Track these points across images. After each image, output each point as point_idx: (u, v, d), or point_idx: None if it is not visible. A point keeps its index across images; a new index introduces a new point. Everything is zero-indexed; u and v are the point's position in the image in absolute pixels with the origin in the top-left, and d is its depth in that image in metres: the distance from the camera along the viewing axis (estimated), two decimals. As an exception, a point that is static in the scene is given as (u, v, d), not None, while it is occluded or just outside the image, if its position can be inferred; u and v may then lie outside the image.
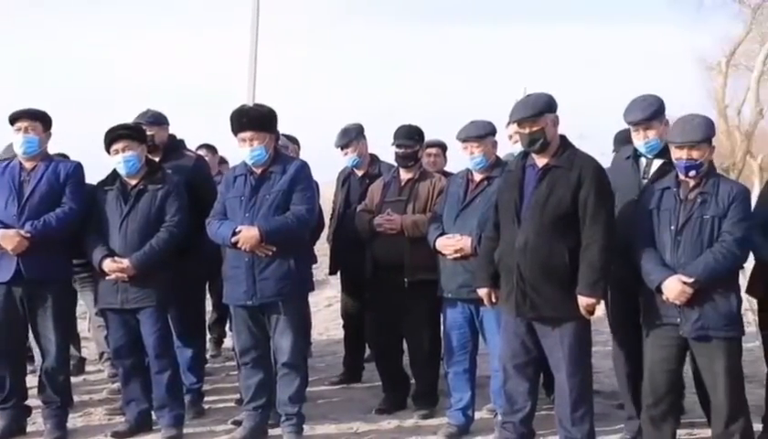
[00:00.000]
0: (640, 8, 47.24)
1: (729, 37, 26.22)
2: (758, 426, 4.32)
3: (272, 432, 4.65)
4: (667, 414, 4.06)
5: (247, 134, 4.43)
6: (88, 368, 6.22)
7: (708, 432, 4.17)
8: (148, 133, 4.91)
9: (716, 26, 48.17)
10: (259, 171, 4.48)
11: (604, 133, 5.06)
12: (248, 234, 4.35)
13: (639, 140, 4.30)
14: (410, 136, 5.14)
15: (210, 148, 6.90)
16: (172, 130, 5.30)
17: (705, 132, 3.94)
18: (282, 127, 4.84)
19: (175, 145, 5.24)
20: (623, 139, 4.83)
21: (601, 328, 4.69)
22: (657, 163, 4.28)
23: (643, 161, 4.34)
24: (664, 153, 4.23)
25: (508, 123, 4.66)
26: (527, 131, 4.06)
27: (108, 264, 4.50)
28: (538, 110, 4.05)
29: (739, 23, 25.99)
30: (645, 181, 4.27)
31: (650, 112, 4.24)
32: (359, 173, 5.77)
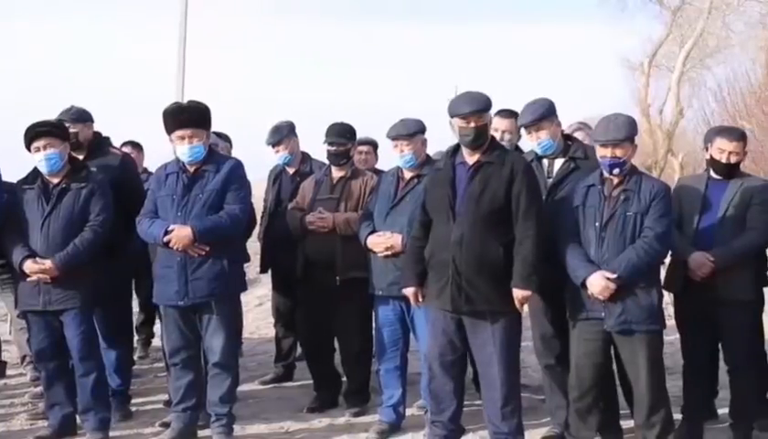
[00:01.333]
0: (571, 7, 48.32)
1: (651, 38, 27.07)
2: (678, 416, 4.46)
3: (201, 433, 4.59)
4: (593, 407, 4.16)
5: (186, 132, 4.35)
6: (9, 371, 6.03)
7: (631, 422, 4.28)
8: (71, 130, 4.79)
9: (639, 27, 49.56)
10: (192, 169, 4.41)
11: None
12: (181, 234, 4.29)
13: (533, 141, 4.42)
14: (342, 134, 5.13)
15: (136, 145, 6.77)
16: (97, 127, 5.17)
17: (628, 130, 4.05)
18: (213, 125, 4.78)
19: (100, 143, 5.11)
20: None
21: (527, 323, 4.77)
22: (559, 162, 4.40)
23: (545, 162, 4.44)
24: (565, 151, 4.38)
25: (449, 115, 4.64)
26: (473, 125, 4.09)
27: (29, 265, 4.37)
28: (485, 106, 4.12)
29: (660, 25, 26.87)
30: (551, 181, 4.38)
31: (538, 113, 4.35)
32: (291, 171, 5.75)
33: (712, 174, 4.50)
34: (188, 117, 4.39)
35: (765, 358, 4.63)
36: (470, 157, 4.16)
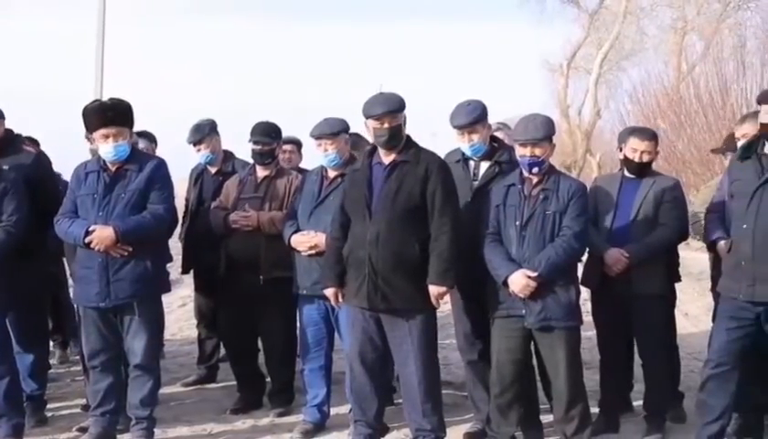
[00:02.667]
0: (495, 7, 48.97)
1: (569, 40, 27.72)
2: (595, 410, 4.59)
3: (120, 437, 4.49)
4: (514, 402, 4.23)
5: (111, 130, 4.23)
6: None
7: (551, 417, 4.37)
8: (-19, 128, 4.61)
9: (558, 29, 50.67)
10: (113, 168, 4.31)
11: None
12: (102, 234, 4.18)
13: (464, 143, 4.45)
14: (267, 133, 5.09)
15: (34, 142, 6.55)
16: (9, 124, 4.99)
17: (546, 130, 4.13)
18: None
19: (12, 140, 4.94)
20: None
21: (452, 321, 4.84)
22: (485, 165, 4.46)
23: (472, 163, 4.50)
24: (491, 155, 4.44)
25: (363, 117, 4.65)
26: (386, 126, 4.10)
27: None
28: (397, 106, 4.13)
29: (578, 28, 27.53)
30: (476, 183, 4.44)
31: (473, 116, 4.39)
32: (213, 170, 5.67)
33: (626, 173, 4.64)
34: (112, 115, 4.28)
35: (677, 350, 4.81)
36: (386, 157, 4.18)
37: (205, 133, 5.60)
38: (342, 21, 53.08)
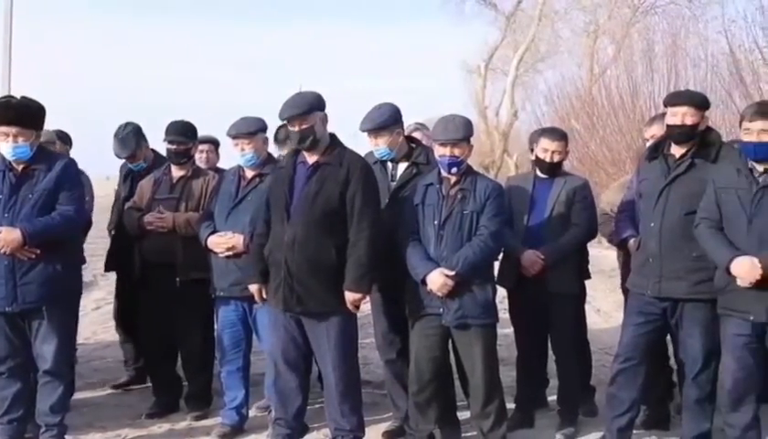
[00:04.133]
0: (417, 9, 49.34)
1: (487, 42, 28.17)
2: (511, 405, 4.68)
3: (30, 445, 4.35)
4: (432, 400, 4.28)
5: (11, 130, 4.07)
6: None
7: (468, 414, 4.41)
8: None
9: (476, 31, 51.41)
10: (20, 168, 4.16)
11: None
12: (8, 236, 4.03)
13: (372, 146, 4.50)
14: (182, 133, 5.00)
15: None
16: None
17: (465, 131, 4.18)
18: (53, 122, 4.53)
19: None
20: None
21: (371, 320, 4.86)
22: (403, 166, 4.50)
23: (390, 165, 4.54)
24: (409, 155, 4.48)
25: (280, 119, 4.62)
26: (297, 128, 4.10)
27: None
28: (307, 107, 4.10)
29: (495, 30, 28.01)
30: (394, 184, 4.47)
31: (379, 122, 4.42)
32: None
33: (538, 173, 4.74)
34: (15, 114, 4.12)
35: (588, 346, 4.94)
36: (310, 157, 4.17)
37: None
38: (264, 21, 52.65)
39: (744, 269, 3.65)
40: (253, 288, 4.30)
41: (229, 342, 4.69)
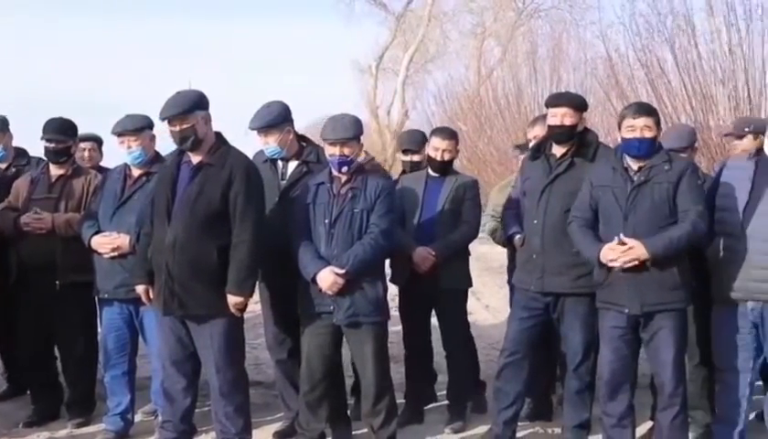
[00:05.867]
0: (308, 7, 48.92)
1: (378, 42, 28.38)
2: (401, 401, 4.74)
3: None
4: (323, 399, 4.28)
5: None
6: None
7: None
8: None
9: (367, 31, 51.65)
10: None
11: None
12: None
13: (261, 145, 4.49)
14: (61, 130, 4.81)
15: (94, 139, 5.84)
16: None
17: (354, 130, 4.20)
18: None
19: None
20: None
21: (262, 320, 4.82)
22: (293, 164, 4.50)
23: (280, 163, 4.52)
24: (299, 154, 4.48)
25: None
26: (177, 128, 4.02)
27: None
28: (188, 107, 4.02)
29: (386, 30, 28.25)
30: (284, 182, 4.47)
31: (267, 120, 4.42)
32: (2, 166, 5.28)
33: (430, 171, 4.82)
34: None
35: (473, 341, 5.06)
36: (194, 158, 4.10)
37: None
38: (152, 17, 51.05)
39: (614, 253, 3.82)
40: (140, 289, 4.20)
41: (114, 346, 4.56)
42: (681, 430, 4.00)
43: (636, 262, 3.80)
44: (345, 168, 4.16)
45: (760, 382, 4.35)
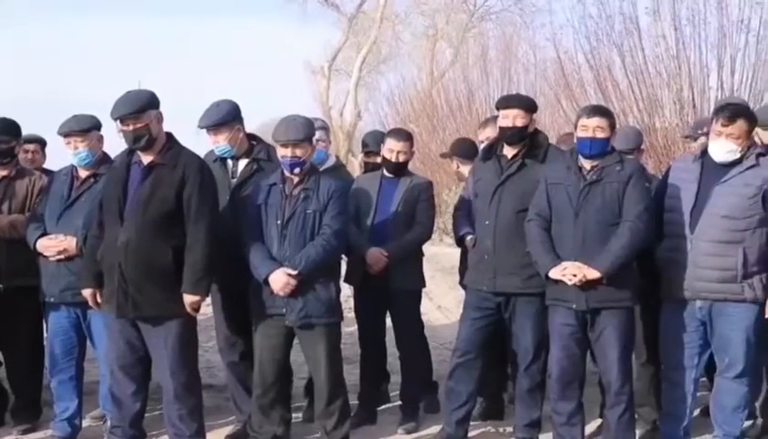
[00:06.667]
0: (259, 5, 48.43)
1: (330, 43, 28.32)
2: (354, 402, 4.74)
3: None
4: (276, 402, 4.26)
5: None
6: None
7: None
8: None
9: (320, 31, 51.49)
10: None
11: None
12: None
13: (212, 144, 4.46)
14: (4, 131, 4.70)
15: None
16: None
17: (306, 131, 4.19)
18: None
19: None
20: None
21: (213, 323, 4.78)
22: (243, 163, 4.47)
23: (230, 162, 4.49)
24: (249, 152, 4.46)
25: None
26: (130, 128, 3.96)
27: None
28: (141, 106, 3.97)
29: (338, 31, 28.20)
30: (234, 181, 4.43)
31: (216, 118, 4.39)
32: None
33: (385, 172, 4.83)
34: None
35: (427, 342, 5.08)
36: (145, 158, 4.04)
37: None
38: (97, 16, 50.09)
39: (561, 273, 3.89)
40: (87, 293, 4.13)
41: (61, 350, 4.48)
42: (628, 427, 4.08)
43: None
44: (297, 170, 4.14)
45: (704, 378, 4.45)
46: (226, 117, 4.39)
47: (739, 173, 3.91)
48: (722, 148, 3.93)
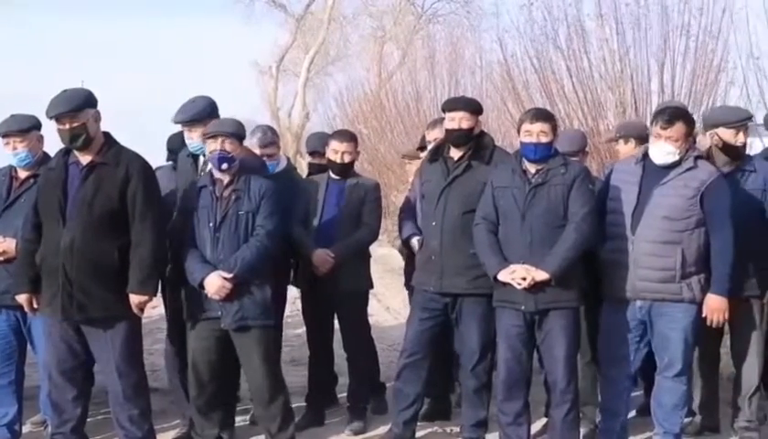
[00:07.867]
0: (206, 5, 47.85)
1: (278, 43, 28.20)
2: (302, 404, 4.72)
3: None
4: (214, 404, 4.23)
5: None
6: None
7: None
8: None
9: (267, 32, 51.15)
10: None
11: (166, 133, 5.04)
12: None
13: (189, 140, 4.43)
14: None
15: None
16: None
17: (236, 128, 4.17)
18: None
19: None
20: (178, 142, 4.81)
21: (162, 326, 4.72)
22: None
23: (201, 159, 4.45)
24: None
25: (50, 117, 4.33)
26: (67, 127, 3.89)
27: None
28: (78, 104, 3.91)
29: (286, 31, 28.10)
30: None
31: (191, 114, 4.38)
32: None
33: (331, 174, 4.82)
34: None
35: (374, 344, 5.08)
36: (83, 157, 3.98)
37: None
38: (41, 15, 48.88)
39: (510, 276, 3.95)
40: (22, 298, 4.05)
41: (1, 354, 4.39)
42: (573, 426, 4.14)
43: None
44: (224, 165, 4.08)
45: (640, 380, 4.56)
46: (201, 113, 4.36)
47: (678, 175, 4.00)
48: (661, 150, 4.02)
